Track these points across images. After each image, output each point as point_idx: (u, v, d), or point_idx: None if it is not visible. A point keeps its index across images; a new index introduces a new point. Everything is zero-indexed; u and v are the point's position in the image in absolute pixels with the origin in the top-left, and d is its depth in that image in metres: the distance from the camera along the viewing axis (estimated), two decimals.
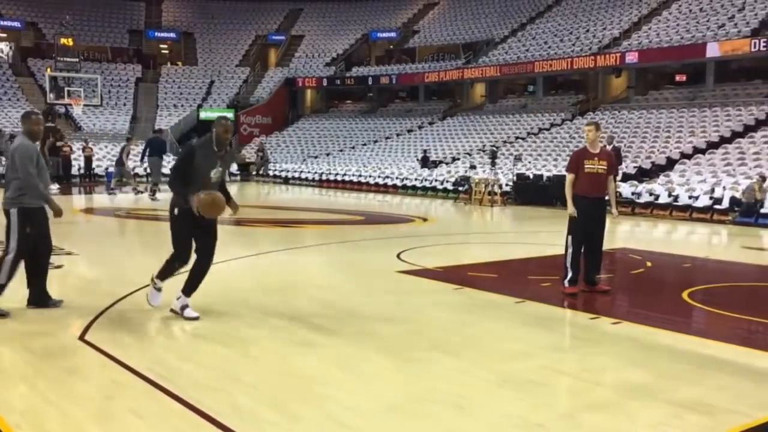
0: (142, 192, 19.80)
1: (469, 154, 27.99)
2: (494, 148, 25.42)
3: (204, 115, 37.97)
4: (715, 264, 10.98)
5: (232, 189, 7.10)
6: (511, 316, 6.86)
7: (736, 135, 22.42)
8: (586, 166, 7.67)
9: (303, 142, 36.69)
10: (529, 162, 24.23)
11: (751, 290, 8.71)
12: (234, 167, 29.32)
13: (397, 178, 26.41)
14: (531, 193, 20.47)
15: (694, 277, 9.67)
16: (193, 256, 6.31)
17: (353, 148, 34.26)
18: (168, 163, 26.05)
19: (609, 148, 17.91)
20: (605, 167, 7.74)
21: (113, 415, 4.15)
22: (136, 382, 4.67)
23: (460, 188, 22.51)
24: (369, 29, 43.77)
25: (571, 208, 7.66)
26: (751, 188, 16.31)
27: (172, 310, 6.32)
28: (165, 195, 20.68)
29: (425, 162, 27.42)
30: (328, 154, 33.96)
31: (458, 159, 27.84)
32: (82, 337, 5.69)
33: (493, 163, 21.08)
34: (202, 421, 4.04)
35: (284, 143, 37.14)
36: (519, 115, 31.80)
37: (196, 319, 6.16)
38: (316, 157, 33.60)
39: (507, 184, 21.42)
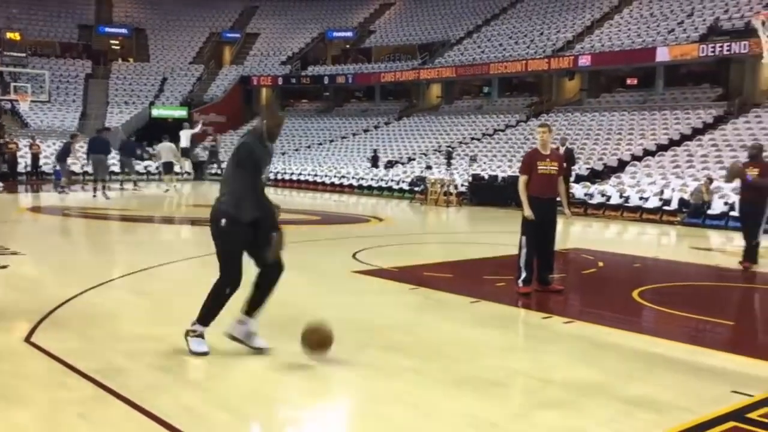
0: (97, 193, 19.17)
1: (425, 155, 28.10)
2: (450, 149, 25.58)
3: (156, 112, 37.33)
4: (665, 264, 11.22)
5: (185, 188, 7.05)
6: (466, 315, 6.89)
7: (684, 138, 22.95)
8: (538, 167, 7.75)
9: None
10: (485, 163, 24.43)
11: (698, 289, 8.92)
12: (188, 166, 28.79)
13: (353, 177, 26.37)
14: (486, 193, 20.64)
15: (644, 277, 9.85)
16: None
17: (309, 147, 34.11)
18: (118, 161, 25.53)
19: (562, 149, 18.24)
20: (556, 168, 7.84)
21: (60, 419, 4.03)
22: (84, 385, 4.55)
23: (416, 188, 22.58)
24: (325, 28, 43.63)
25: (527, 210, 7.71)
26: (698, 190, 16.71)
27: (233, 337, 5.28)
28: (114, 194, 20.32)
29: (375, 161, 27.47)
30: (283, 154, 33.71)
31: (414, 159, 27.93)
32: (27, 339, 5.52)
33: (449, 164, 21.20)
34: (152, 424, 3.95)
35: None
36: (474, 116, 32.05)
37: (263, 349, 5.27)
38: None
39: (462, 185, 21.56)
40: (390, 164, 27.48)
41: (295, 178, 28.08)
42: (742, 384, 4.92)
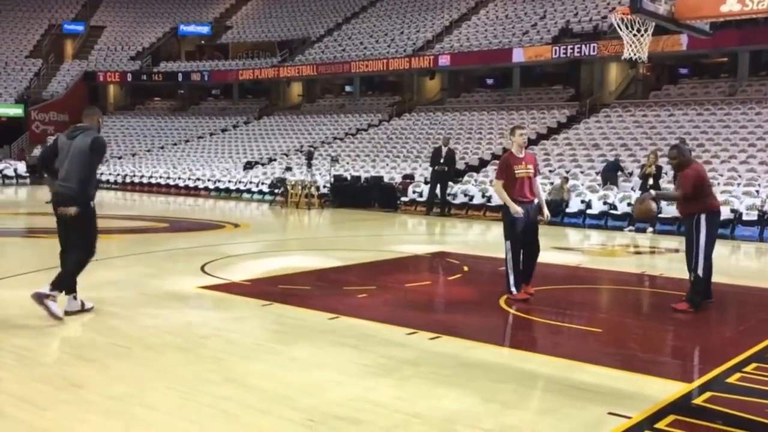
0: None
1: (286, 155, 27.19)
2: (311, 149, 24.82)
3: None
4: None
5: (21, 192, 6.00)
6: (322, 335, 6.15)
7: (541, 137, 23.42)
8: (515, 170, 7.51)
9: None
10: (347, 163, 23.87)
11: (564, 293, 8.63)
12: (22, 168, 26.29)
13: (209, 180, 25.00)
14: (349, 195, 20.04)
15: None
16: None
17: (162, 147, 32.27)
18: None
19: (445, 150, 17.87)
20: (533, 170, 7.73)
21: None
22: None
23: (276, 191, 21.61)
24: (177, 23, 41.59)
25: (513, 207, 7.39)
26: (557, 188, 16.87)
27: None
28: None
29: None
30: (134, 155, 31.72)
31: (275, 160, 26.94)
32: None
33: (310, 165, 20.42)
34: None
35: None
36: (336, 115, 31.48)
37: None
38: (120, 158, 31.20)
39: (324, 186, 20.83)
40: (249, 165, 26.33)
41: (145, 181, 26.32)
42: (618, 404, 4.49)
